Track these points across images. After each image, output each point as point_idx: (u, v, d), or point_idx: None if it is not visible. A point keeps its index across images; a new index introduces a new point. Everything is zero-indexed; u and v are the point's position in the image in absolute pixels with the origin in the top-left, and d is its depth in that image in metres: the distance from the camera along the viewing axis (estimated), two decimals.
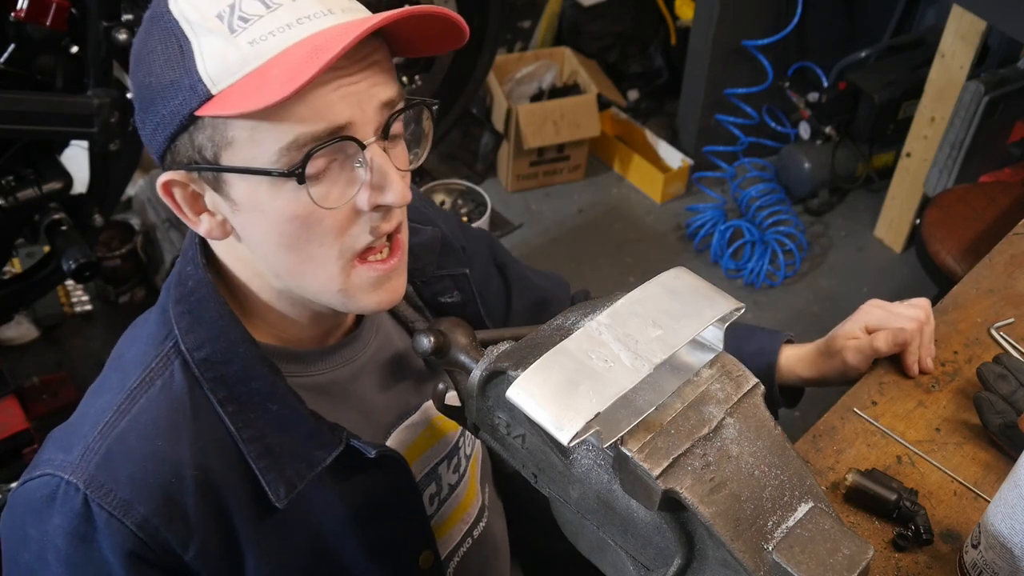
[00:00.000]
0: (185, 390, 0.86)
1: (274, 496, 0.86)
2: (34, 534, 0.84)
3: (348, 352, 0.97)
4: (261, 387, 0.86)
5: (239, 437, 0.86)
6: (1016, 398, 1.09)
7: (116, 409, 0.85)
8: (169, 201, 0.83)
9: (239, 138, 0.76)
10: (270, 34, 0.74)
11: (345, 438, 0.89)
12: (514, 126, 3.09)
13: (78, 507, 0.81)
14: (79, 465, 0.82)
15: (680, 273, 0.79)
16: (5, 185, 1.74)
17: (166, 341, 0.88)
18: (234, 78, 0.74)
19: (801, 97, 3.12)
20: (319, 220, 0.79)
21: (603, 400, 0.67)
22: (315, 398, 0.91)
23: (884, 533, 1.00)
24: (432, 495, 1.07)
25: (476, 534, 1.15)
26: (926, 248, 2.21)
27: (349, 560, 0.95)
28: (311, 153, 0.75)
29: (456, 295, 1.08)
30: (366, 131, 0.78)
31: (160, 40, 0.77)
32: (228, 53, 0.74)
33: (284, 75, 0.71)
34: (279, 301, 0.89)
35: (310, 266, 0.82)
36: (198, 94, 0.75)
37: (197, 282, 0.87)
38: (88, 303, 2.65)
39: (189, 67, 0.75)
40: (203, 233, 0.85)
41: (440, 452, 1.07)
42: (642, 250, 3.07)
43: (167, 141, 0.79)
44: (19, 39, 1.61)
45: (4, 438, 1.88)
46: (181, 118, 0.76)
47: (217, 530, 0.85)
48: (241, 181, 0.78)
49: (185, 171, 0.80)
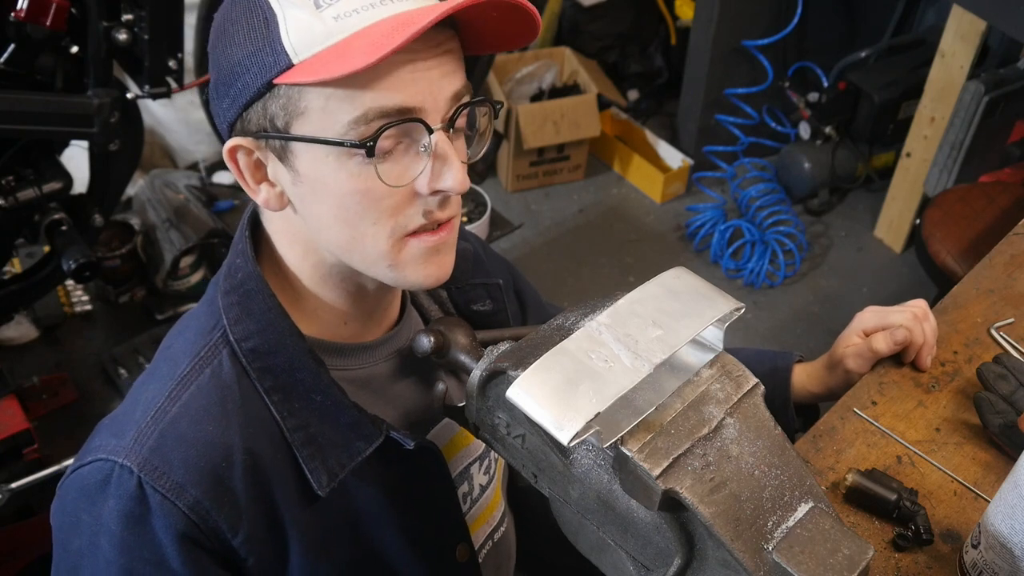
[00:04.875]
0: (234, 378, 0.88)
1: (316, 484, 0.88)
2: (87, 519, 0.85)
3: (387, 348, 0.99)
4: (306, 378, 0.88)
5: (284, 425, 0.88)
6: (1016, 398, 1.09)
7: (167, 395, 0.87)
8: (233, 166, 0.85)
9: (312, 107, 0.78)
10: (354, 11, 0.77)
11: (385, 429, 0.91)
12: (514, 126, 3.09)
13: (132, 489, 0.82)
14: (132, 449, 0.84)
15: (680, 273, 0.79)
16: (5, 185, 1.74)
17: (214, 331, 0.89)
18: (317, 49, 0.76)
19: (801, 97, 3.12)
20: (378, 197, 0.81)
21: (603, 400, 0.67)
22: (356, 391, 0.93)
23: (884, 533, 1.00)
24: (464, 494, 1.08)
25: (496, 537, 1.17)
26: (926, 248, 2.21)
27: (389, 549, 0.97)
28: (383, 128, 0.77)
29: (488, 304, 1.10)
30: (435, 117, 0.80)
31: (245, 12, 0.79)
32: (313, 26, 0.76)
33: (367, 46, 0.74)
34: (328, 281, 0.91)
35: (361, 243, 0.84)
36: (279, 63, 0.77)
37: (247, 274, 0.90)
38: (88, 303, 2.65)
39: (273, 37, 0.77)
40: (260, 202, 0.87)
41: (473, 453, 1.09)
42: (642, 250, 3.07)
43: (241, 109, 0.81)
44: (19, 39, 1.60)
45: (4, 438, 1.87)
46: (259, 86, 0.78)
47: (264, 515, 0.87)
48: (307, 152, 0.80)
49: (253, 138, 0.82)
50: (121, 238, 2.64)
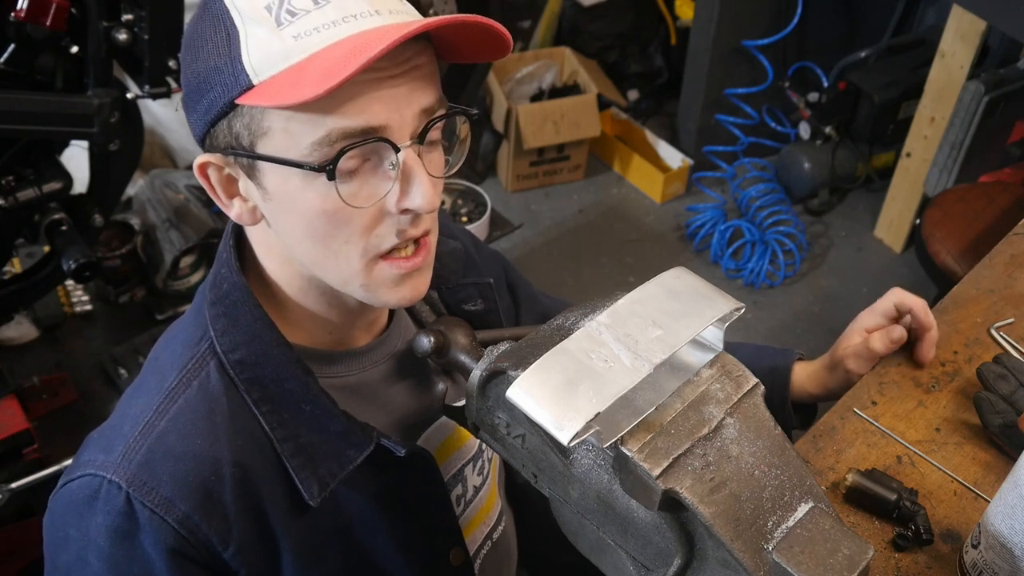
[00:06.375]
0: (221, 390, 0.87)
1: (307, 494, 0.87)
2: (75, 534, 0.84)
3: (376, 354, 0.98)
4: (294, 388, 0.88)
5: (273, 436, 0.87)
6: (1016, 398, 1.09)
7: (155, 409, 0.86)
8: (204, 182, 0.85)
9: (274, 128, 0.77)
10: (315, 30, 0.75)
11: (375, 437, 0.90)
12: (514, 126, 3.09)
13: (121, 505, 0.82)
14: (121, 464, 0.83)
15: (680, 273, 0.79)
16: (5, 185, 1.74)
17: (201, 343, 0.89)
18: (275, 70, 0.75)
19: (801, 97, 3.12)
20: (346, 217, 0.80)
21: (603, 400, 0.67)
22: (346, 398, 0.92)
23: (884, 533, 1.00)
24: (458, 496, 1.08)
25: (495, 537, 1.17)
26: (926, 248, 2.21)
27: (382, 556, 0.96)
28: (344, 151, 0.76)
29: (479, 303, 1.09)
30: (402, 134, 0.78)
31: (210, 26, 0.78)
32: (272, 45, 0.75)
33: (320, 73, 0.72)
34: (309, 293, 0.90)
35: (333, 260, 0.83)
36: (240, 83, 0.76)
37: (232, 285, 0.89)
38: (88, 303, 2.65)
39: (234, 55, 0.76)
40: (234, 217, 0.86)
41: (466, 455, 1.08)
42: (642, 250, 3.07)
43: (208, 126, 0.80)
44: (19, 39, 1.60)
45: (4, 438, 1.87)
46: (223, 104, 0.77)
47: (255, 527, 0.87)
48: (273, 171, 0.79)
49: (222, 155, 0.82)
50: (121, 238, 2.64)
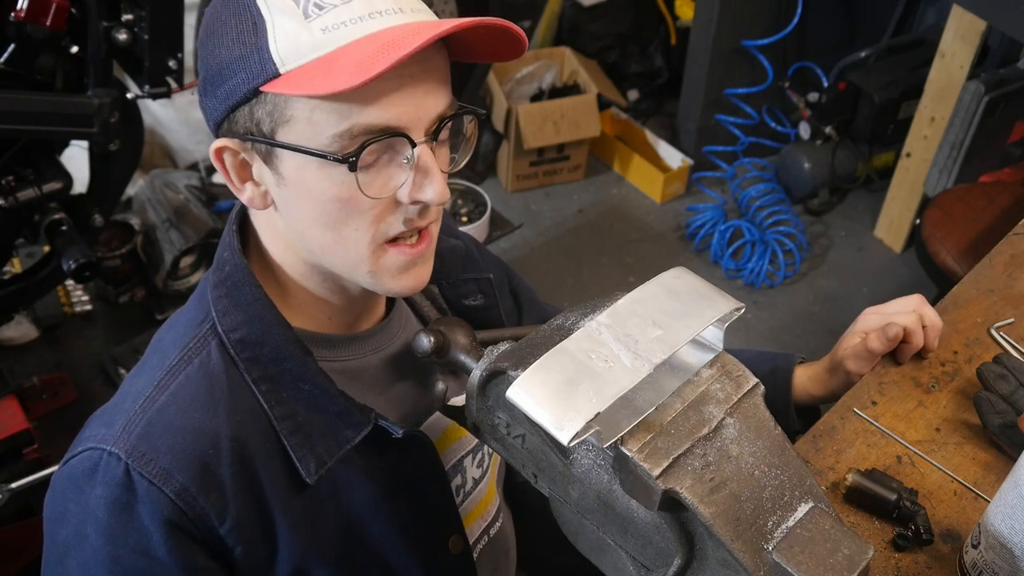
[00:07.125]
0: (222, 368, 0.89)
1: (304, 472, 0.89)
2: (74, 508, 0.86)
3: (377, 341, 1.00)
4: (293, 367, 0.89)
5: (272, 414, 0.89)
6: (1016, 398, 1.09)
7: (156, 385, 0.88)
8: (219, 165, 0.87)
9: (298, 117, 0.79)
10: (343, 24, 0.77)
11: (374, 418, 0.91)
12: (514, 126, 3.09)
13: (120, 476, 0.83)
14: (120, 436, 0.85)
15: (680, 273, 0.79)
16: (5, 185, 1.74)
17: (203, 323, 0.91)
18: (303, 60, 0.77)
19: (801, 97, 3.12)
20: (359, 205, 0.82)
21: (603, 400, 0.67)
22: (346, 382, 0.94)
23: (884, 533, 1.00)
24: (457, 487, 1.09)
25: (492, 533, 1.18)
26: (926, 248, 2.21)
27: (380, 539, 0.97)
28: (366, 144, 0.78)
29: (480, 298, 1.11)
30: (418, 131, 0.81)
31: (234, 14, 0.80)
32: (300, 36, 0.77)
33: (354, 65, 0.74)
34: (311, 278, 0.92)
35: (342, 246, 0.85)
36: (266, 71, 0.78)
37: (234, 267, 0.91)
38: (88, 303, 2.65)
39: (261, 44, 0.78)
40: (245, 200, 0.88)
41: (466, 446, 1.09)
42: (642, 250, 3.07)
43: (228, 111, 0.82)
44: (19, 39, 1.61)
45: (4, 438, 1.88)
46: (246, 91, 0.79)
47: (252, 503, 0.88)
48: (292, 158, 0.81)
49: (239, 140, 0.83)
50: (121, 238, 2.64)
